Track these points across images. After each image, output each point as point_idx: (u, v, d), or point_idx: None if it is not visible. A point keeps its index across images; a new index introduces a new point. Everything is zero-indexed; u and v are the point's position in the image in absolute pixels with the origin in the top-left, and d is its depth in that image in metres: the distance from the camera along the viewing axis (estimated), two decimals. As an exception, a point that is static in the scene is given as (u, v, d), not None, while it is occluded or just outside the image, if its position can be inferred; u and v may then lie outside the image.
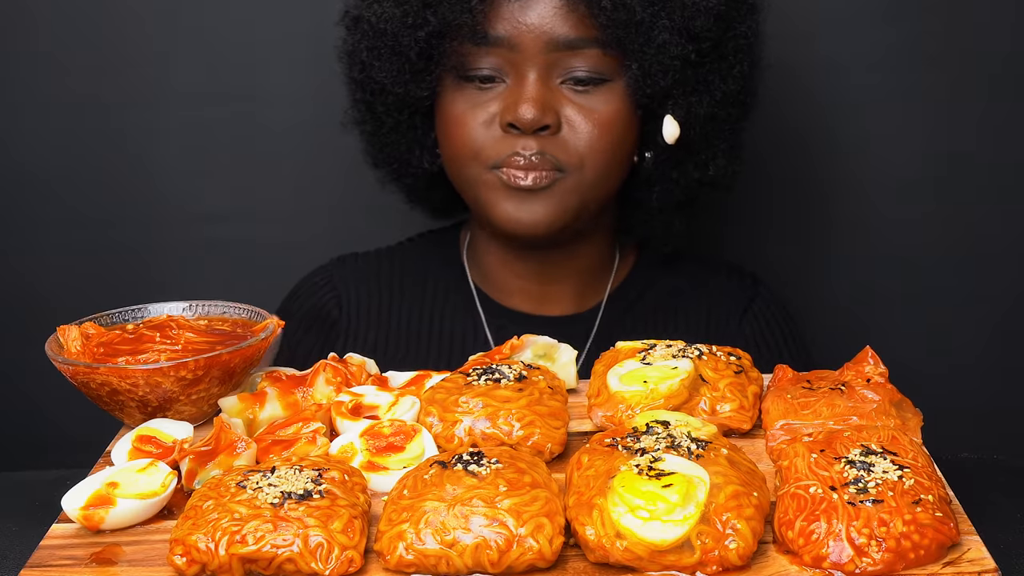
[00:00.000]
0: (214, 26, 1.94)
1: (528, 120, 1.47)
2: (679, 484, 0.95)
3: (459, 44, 1.50)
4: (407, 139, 1.62)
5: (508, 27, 1.48)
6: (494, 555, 0.95)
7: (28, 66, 1.94)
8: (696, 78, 1.50)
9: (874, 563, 0.94)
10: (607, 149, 1.51)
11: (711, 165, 1.58)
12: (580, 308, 1.67)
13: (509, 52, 1.48)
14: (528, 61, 1.48)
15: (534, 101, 1.47)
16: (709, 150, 1.57)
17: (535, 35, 1.47)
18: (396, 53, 1.52)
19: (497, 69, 1.50)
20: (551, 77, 1.49)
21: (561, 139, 1.49)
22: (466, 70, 1.51)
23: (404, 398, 1.20)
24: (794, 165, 1.98)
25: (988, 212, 1.99)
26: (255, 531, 0.95)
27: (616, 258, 1.70)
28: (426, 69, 1.52)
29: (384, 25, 1.51)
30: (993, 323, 2.04)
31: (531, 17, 1.47)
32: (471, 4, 1.47)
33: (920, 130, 1.97)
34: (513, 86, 1.49)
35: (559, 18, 1.47)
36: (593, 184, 1.52)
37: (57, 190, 1.99)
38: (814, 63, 1.92)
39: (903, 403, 1.16)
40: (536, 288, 1.66)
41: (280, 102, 1.95)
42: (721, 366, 1.21)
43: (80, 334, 1.23)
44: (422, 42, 1.49)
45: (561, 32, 1.47)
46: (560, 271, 1.65)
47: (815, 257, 2.03)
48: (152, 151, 1.97)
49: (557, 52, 1.48)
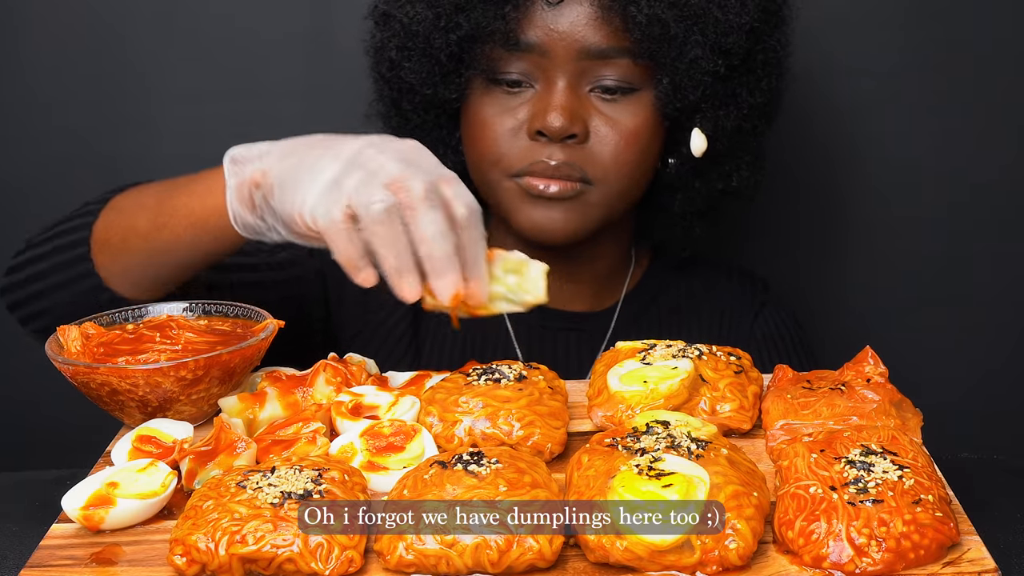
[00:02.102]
0: (214, 24, 1.94)
1: (556, 128, 1.46)
2: (679, 484, 0.95)
3: (490, 49, 1.49)
4: (431, 138, 1.61)
5: (540, 33, 1.47)
6: (494, 555, 0.95)
7: (26, 65, 1.94)
8: (725, 91, 1.51)
9: (874, 563, 0.94)
10: (632, 161, 1.51)
11: (735, 175, 1.59)
12: (597, 307, 1.68)
13: (540, 58, 1.48)
14: (558, 68, 1.48)
15: (563, 109, 1.46)
16: (733, 161, 1.59)
17: (567, 43, 1.47)
18: (426, 55, 1.51)
19: (526, 74, 1.50)
20: (580, 85, 1.49)
21: (588, 150, 1.49)
22: (495, 74, 1.51)
23: (404, 398, 1.20)
24: (803, 168, 1.98)
25: (993, 212, 2.00)
26: (255, 531, 0.95)
27: (633, 260, 1.71)
28: (456, 71, 1.52)
29: (416, 27, 1.50)
30: (993, 323, 2.04)
31: (563, 24, 1.47)
32: (504, 10, 1.46)
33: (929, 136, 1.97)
34: (542, 93, 1.49)
35: (591, 27, 1.46)
36: (618, 196, 1.53)
37: (57, 190, 1.99)
38: (831, 68, 1.92)
39: (903, 403, 1.16)
40: (554, 285, 1.64)
41: (280, 99, 1.95)
42: (721, 366, 1.21)
43: (80, 334, 1.23)
44: (453, 45, 1.49)
45: (593, 41, 1.46)
46: (579, 271, 1.65)
47: (816, 258, 2.03)
48: (152, 151, 1.97)
49: (588, 60, 1.47)
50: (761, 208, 1.84)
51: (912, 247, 2.01)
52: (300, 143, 1.21)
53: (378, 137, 1.18)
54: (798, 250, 2.03)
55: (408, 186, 1.10)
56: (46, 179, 1.99)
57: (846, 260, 2.03)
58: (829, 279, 2.04)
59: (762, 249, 2.01)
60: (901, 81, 1.95)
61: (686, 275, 1.73)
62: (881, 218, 2.01)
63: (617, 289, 1.69)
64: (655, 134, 1.53)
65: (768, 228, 2.00)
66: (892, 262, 2.02)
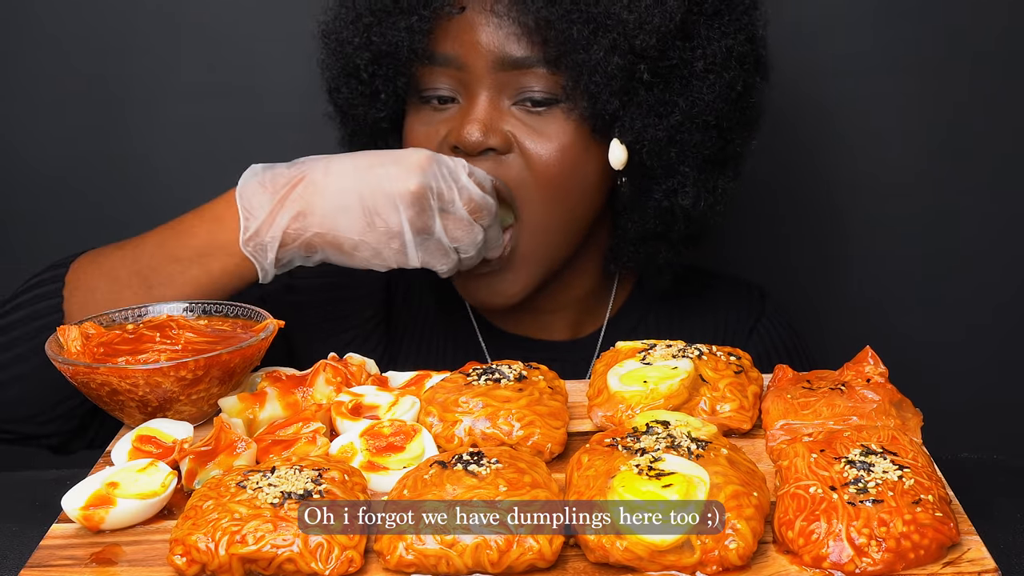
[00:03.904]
0: (215, 21, 1.94)
1: (472, 142, 1.42)
2: (679, 484, 0.95)
3: (408, 64, 1.47)
4: None
5: (455, 46, 1.44)
6: (494, 555, 0.95)
7: (27, 63, 1.94)
8: (652, 100, 1.42)
9: (874, 563, 0.94)
10: (557, 176, 1.44)
11: (679, 194, 1.47)
12: (578, 334, 1.64)
13: (459, 72, 1.45)
14: (477, 81, 1.44)
15: (478, 122, 1.42)
16: (675, 178, 1.47)
17: (481, 53, 1.43)
18: (349, 75, 1.50)
19: (452, 89, 1.47)
20: (501, 98, 1.44)
21: (509, 162, 1.44)
22: (422, 91, 1.48)
23: (404, 398, 1.20)
24: (800, 169, 1.98)
25: (990, 213, 2.00)
26: (255, 531, 0.95)
27: (615, 281, 1.66)
28: (382, 90, 1.49)
29: (336, 46, 1.50)
30: (994, 323, 2.04)
31: (476, 34, 1.43)
32: (411, 22, 1.43)
33: (922, 132, 1.97)
34: (464, 107, 1.46)
35: (505, 36, 1.42)
36: (546, 225, 1.46)
37: (57, 189, 1.99)
38: (821, 71, 1.92)
39: (903, 403, 1.16)
40: (530, 317, 1.61)
41: (283, 98, 1.95)
42: (721, 366, 1.21)
43: (80, 334, 1.23)
44: (371, 63, 1.47)
45: (507, 50, 1.42)
46: (554, 302, 1.60)
47: (815, 258, 2.04)
48: (152, 150, 1.98)
49: (505, 72, 1.43)
50: (759, 208, 1.85)
51: (912, 247, 2.02)
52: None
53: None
54: (797, 250, 2.03)
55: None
56: (46, 178, 1.99)
57: (846, 260, 2.03)
58: (829, 279, 2.04)
59: (759, 248, 2.01)
60: (897, 81, 1.95)
61: (675, 292, 1.64)
62: (881, 218, 2.01)
63: (600, 313, 1.64)
64: (583, 148, 1.45)
65: (766, 228, 2.00)
66: (892, 262, 2.02)
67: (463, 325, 1.65)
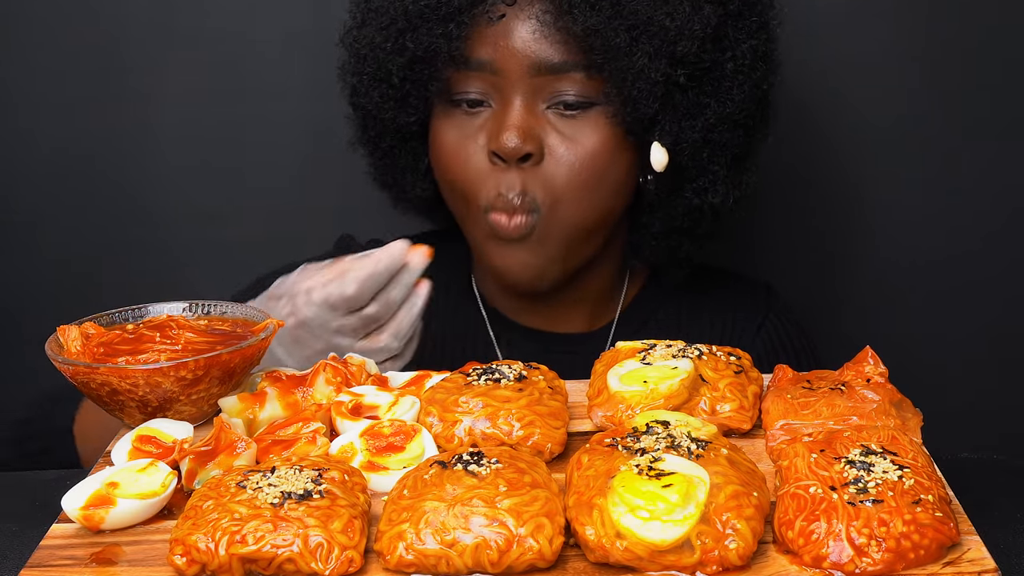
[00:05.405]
0: (213, 22, 1.94)
1: (510, 149, 1.43)
2: (679, 484, 0.95)
3: (444, 69, 1.47)
4: (400, 164, 1.60)
5: (491, 51, 1.45)
6: (494, 555, 0.95)
7: (25, 65, 1.94)
8: (687, 102, 1.46)
9: (874, 563, 0.94)
10: (588, 181, 1.47)
11: (710, 191, 1.52)
12: (592, 327, 1.66)
13: (493, 76, 1.46)
14: (512, 85, 1.45)
15: (516, 129, 1.43)
16: (707, 176, 1.51)
17: (517, 58, 1.44)
18: (380, 79, 1.50)
19: (484, 93, 1.47)
20: (536, 102, 1.46)
21: (542, 172, 1.46)
22: (452, 94, 1.49)
23: (404, 398, 1.20)
24: (805, 169, 1.98)
25: (991, 213, 2.00)
26: (255, 531, 0.95)
27: (627, 277, 1.68)
28: (412, 94, 1.50)
29: (367, 51, 1.50)
30: (994, 323, 2.04)
31: (513, 40, 1.44)
32: (448, 28, 1.44)
33: (922, 132, 1.97)
34: (498, 112, 1.47)
35: (542, 41, 1.43)
36: (572, 223, 1.48)
37: (57, 190, 1.99)
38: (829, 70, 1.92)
39: (903, 403, 1.16)
40: (545, 308, 1.64)
41: (282, 99, 1.95)
42: (721, 366, 1.21)
43: (80, 334, 1.23)
44: (404, 68, 1.47)
45: (544, 55, 1.43)
46: (570, 295, 1.62)
47: (815, 257, 2.04)
48: (152, 150, 1.98)
49: (541, 76, 1.44)
50: (762, 208, 1.85)
51: (912, 246, 2.01)
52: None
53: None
54: (798, 249, 2.03)
55: None
56: (46, 178, 1.99)
57: (846, 260, 2.03)
58: (829, 278, 2.04)
59: (762, 248, 2.00)
60: (898, 81, 1.95)
61: (684, 289, 1.68)
62: (881, 218, 2.01)
63: (613, 307, 1.67)
64: (616, 151, 1.48)
65: (768, 227, 2.00)
66: (892, 262, 2.02)
67: (472, 307, 1.67)
